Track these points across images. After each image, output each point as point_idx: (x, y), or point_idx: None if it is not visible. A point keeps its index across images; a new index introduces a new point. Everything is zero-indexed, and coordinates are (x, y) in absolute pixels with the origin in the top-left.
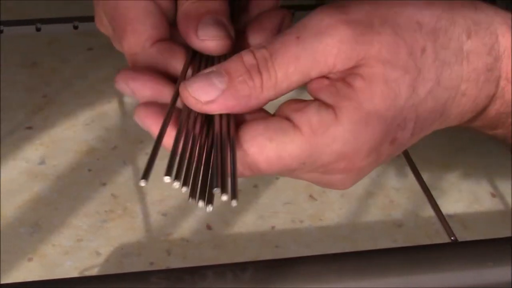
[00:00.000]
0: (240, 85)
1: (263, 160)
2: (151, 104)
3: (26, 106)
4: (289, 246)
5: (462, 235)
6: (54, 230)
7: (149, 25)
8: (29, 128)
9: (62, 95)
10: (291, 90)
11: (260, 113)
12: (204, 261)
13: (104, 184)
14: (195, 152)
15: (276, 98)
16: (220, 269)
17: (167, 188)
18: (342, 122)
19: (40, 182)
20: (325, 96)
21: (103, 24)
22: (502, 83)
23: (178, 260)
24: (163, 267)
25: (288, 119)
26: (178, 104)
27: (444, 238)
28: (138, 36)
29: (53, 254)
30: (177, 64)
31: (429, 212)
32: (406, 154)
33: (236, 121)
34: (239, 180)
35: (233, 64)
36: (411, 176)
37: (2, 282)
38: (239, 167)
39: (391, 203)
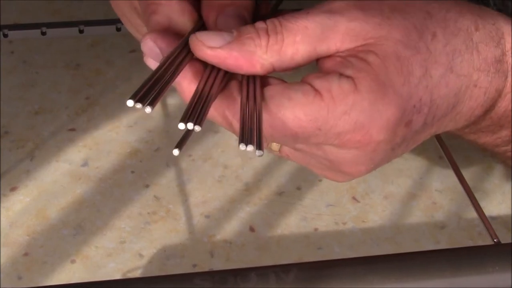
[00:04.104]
0: (247, 41)
1: (279, 118)
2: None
3: (69, 108)
4: (332, 248)
5: (505, 237)
6: (97, 232)
7: None
8: (72, 130)
9: (105, 97)
10: (297, 65)
11: (283, 82)
12: (247, 263)
13: (147, 186)
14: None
15: (281, 69)
16: (263, 271)
17: (210, 190)
18: (360, 91)
19: (83, 184)
20: (342, 69)
21: None
22: (510, 77)
23: (221, 262)
24: (206, 269)
25: (310, 84)
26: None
27: (487, 240)
28: None
29: (96, 256)
30: (188, 23)
31: (472, 214)
32: (448, 155)
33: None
34: (282, 181)
35: (244, 27)
36: (454, 178)
37: (46, 284)
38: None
39: (434, 205)
